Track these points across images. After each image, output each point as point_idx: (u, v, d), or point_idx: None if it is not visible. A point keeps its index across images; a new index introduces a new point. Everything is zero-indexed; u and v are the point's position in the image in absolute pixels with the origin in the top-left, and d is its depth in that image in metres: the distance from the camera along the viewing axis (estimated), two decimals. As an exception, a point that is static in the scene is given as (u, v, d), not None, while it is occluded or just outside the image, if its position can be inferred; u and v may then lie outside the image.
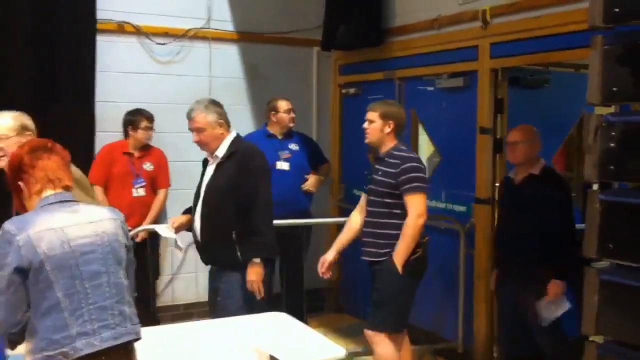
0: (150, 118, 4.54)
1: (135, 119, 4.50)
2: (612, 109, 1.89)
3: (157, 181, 4.61)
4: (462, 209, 4.26)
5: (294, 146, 4.60)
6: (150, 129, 4.55)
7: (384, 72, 4.91)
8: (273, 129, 4.59)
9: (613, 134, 1.75)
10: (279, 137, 4.59)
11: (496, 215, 3.94)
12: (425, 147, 5.02)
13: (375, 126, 3.39)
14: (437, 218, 4.45)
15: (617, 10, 1.75)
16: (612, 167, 1.74)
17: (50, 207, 2.05)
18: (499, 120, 4.05)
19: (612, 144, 1.75)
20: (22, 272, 1.93)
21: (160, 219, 4.58)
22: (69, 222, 2.03)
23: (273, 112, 4.59)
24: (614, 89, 1.77)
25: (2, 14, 4.26)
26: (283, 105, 4.58)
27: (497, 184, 4.09)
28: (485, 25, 4.01)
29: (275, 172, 4.49)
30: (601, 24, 1.80)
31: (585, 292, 1.76)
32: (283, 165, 4.49)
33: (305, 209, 4.54)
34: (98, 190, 4.39)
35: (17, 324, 1.95)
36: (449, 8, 4.31)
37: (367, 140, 3.49)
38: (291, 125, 4.62)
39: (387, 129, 3.38)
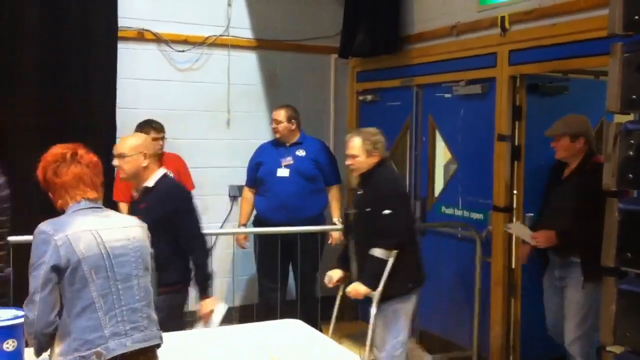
0: (158, 128, 4.45)
1: (144, 130, 4.49)
2: (631, 117, 1.87)
3: None
4: (479, 216, 4.23)
5: (300, 152, 4.59)
6: (160, 139, 4.44)
7: (401, 79, 4.91)
8: (279, 137, 4.62)
9: (632, 142, 1.74)
10: (287, 145, 4.61)
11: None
12: (443, 154, 5.01)
13: None
14: (453, 225, 4.44)
15: (637, 17, 1.75)
16: (631, 175, 1.73)
17: (82, 212, 2.10)
18: (517, 128, 4.03)
19: (631, 152, 1.73)
20: (58, 271, 1.97)
21: None
22: (103, 225, 2.08)
23: (270, 122, 4.67)
24: (634, 97, 1.76)
25: (22, 21, 4.32)
26: (273, 115, 4.61)
27: (515, 192, 4.07)
28: (504, 33, 4.00)
29: (275, 179, 4.54)
30: (621, 32, 1.80)
31: (603, 301, 1.74)
32: (283, 172, 4.51)
33: (313, 216, 4.52)
34: (124, 207, 4.36)
35: (50, 324, 1.98)
36: (467, 15, 4.30)
37: None
38: (278, 135, 4.58)
39: None
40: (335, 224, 4.59)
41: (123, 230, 2.12)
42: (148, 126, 4.48)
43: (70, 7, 4.47)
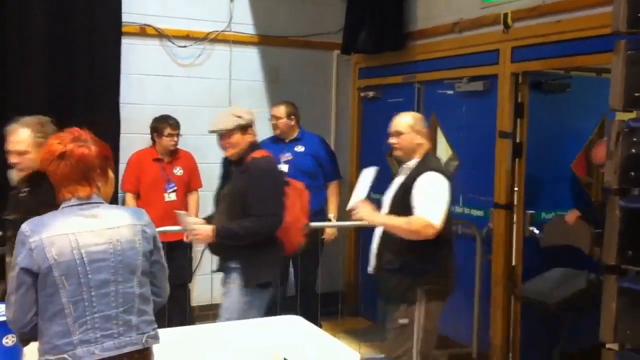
0: (174, 125, 4.54)
1: (159, 125, 4.52)
2: (634, 115, 1.86)
3: (190, 184, 4.67)
4: (479, 213, 4.23)
5: (299, 148, 4.59)
6: (175, 135, 4.55)
7: (403, 76, 4.90)
8: (278, 134, 4.63)
9: (635, 139, 1.73)
10: (286, 141, 4.61)
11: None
12: (444, 151, 5.00)
13: None
14: (454, 223, 4.41)
15: (640, 14, 1.74)
16: (632, 173, 1.72)
17: (68, 210, 2.04)
18: (518, 125, 4.02)
19: (633, 150, 1.73)
20: (31, 274, 1.94)
21: None
22: (84, 228, 2.01)
23: (270, 119, 4.65)
24: (637, 94, 1.76)
25: (28, 18, 4.32)
26: (272, 112, 4.62)
27: (516, 189, 4.06)
28: (506, 29, 3.99)
29: None
30: (625, 29, 1.79)
31: (604, 299, 1.74)
32: (282, 168, 4.50)
33: (313, 211, 4.51)
34: (130, 197, 4.50)
35: (27, 324, 1.96)
36: (470, 12, 4.29)
37: None
38: (277, 131, 4.59)
39: None
40: (329, 219, 4.58)
41: (107, 233, 2.03)
42: (164, 122, 4.52)
43: (76, 3, 4.47)
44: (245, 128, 3.28)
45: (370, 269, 3.27)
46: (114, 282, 2.02)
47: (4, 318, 2.21)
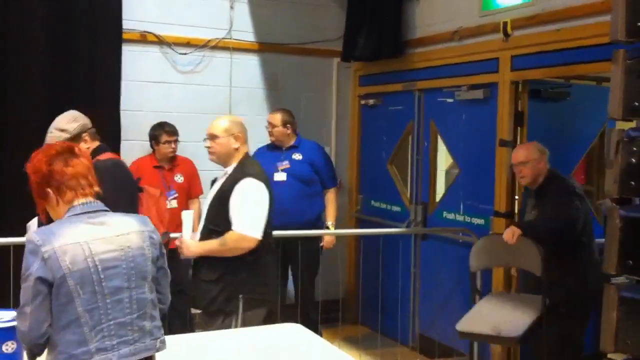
0: (170, 132, 4.52)
1: (157, 133, 4.51)
2: (633, 124, 1.86)
3: (191, 191, 4.64)
4: (480, 221, 4.23)
5: (297, 156, 4.54)
6: (172, 142, 4.53)
7: (403, 84, 4.91)
8: (274, 141, 4.61)
9: (634, 149, 1.74)
10: (283, 148, 4.58)
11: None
12: (444, 159, 5.01)
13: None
14: (454, 231, 4.43)
15: None
16: (632, 182, 1.72)
17: (76, 219, 2.03)
18: (519, 133, 4.03)
19: (633, 159, 1.73)
20: (47, 284, 1.92)
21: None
22: (95, 236, 2.00)
23: (266, 126, 4.64)
24: (636, 103, 1.76)
25: (28, 23, 4.33)
26: (269, 119, 4.59)
27: (516, 197, 4.07)
28: (506, 38, 4.00)
29: (273, 184, 4.52)
30: (623, 38, 1.80)
31: (604, 308, 1.74)
32: (280, 176, 4.47)
33: (311, 219, 4.51)
34: None
35: (42, 335, 1.94)
36: (469, 20, 4.31)
37: None
38: (273, 138, 4.56)
39: None
40: (327, 227, 4.56)
41: (117, 240, 2.03)
42: (160, 129, 4.51)
43: (77, 10, 4.49)
44: (75, 139, 3.10)
45: None
46: (128, 289, 2.02)
47: (4, 324, 2.21)
